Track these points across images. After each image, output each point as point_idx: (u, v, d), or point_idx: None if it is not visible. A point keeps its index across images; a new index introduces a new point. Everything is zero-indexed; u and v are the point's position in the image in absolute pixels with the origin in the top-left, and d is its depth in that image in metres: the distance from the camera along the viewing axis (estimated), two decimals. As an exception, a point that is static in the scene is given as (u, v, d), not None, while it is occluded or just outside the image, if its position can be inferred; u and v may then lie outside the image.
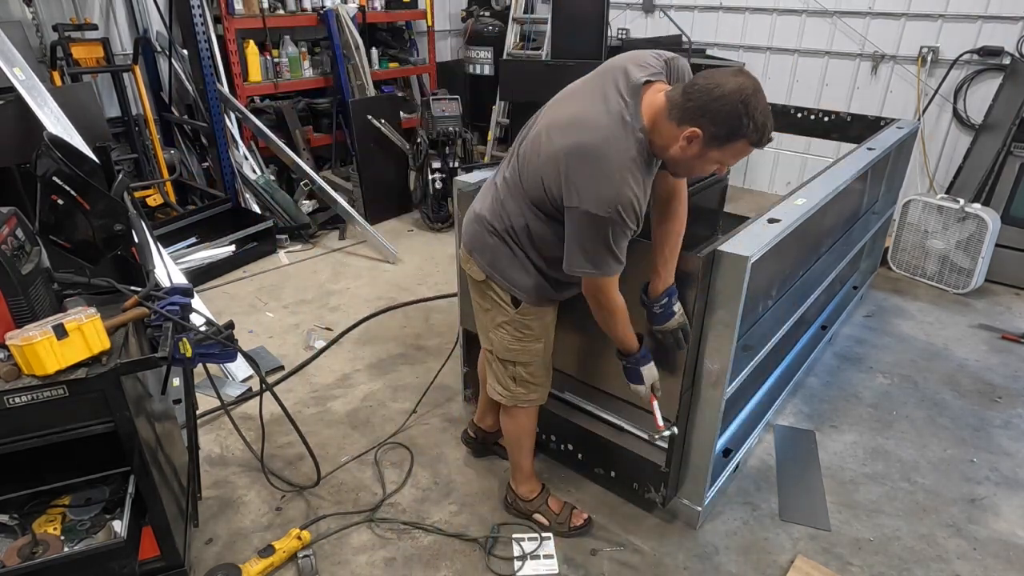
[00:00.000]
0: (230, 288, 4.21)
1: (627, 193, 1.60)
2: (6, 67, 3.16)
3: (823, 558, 2.28)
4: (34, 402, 1.56)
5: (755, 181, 6.11)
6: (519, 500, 2.39)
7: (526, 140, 1.88)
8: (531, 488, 2.39)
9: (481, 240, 1.98)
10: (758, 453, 2.79)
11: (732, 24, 5.73)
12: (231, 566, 2.15)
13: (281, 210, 4.84)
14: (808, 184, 2.55)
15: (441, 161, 5.07)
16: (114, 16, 4.85)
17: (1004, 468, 2.72)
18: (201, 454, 2.61)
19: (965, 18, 4.63)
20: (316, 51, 5.47)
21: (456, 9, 6.92)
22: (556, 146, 1.69)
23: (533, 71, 5.16)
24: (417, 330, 3.66)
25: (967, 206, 3.91)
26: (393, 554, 2.28)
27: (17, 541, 1.71)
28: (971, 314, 3.93)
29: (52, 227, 1.94)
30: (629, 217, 1.63)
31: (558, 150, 1.68)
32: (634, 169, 1.62)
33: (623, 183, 1.60)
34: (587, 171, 1.62)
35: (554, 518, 2.36)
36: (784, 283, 2.61)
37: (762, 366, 2.47)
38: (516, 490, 2.40)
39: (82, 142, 2.89)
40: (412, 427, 2.92)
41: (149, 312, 1.78)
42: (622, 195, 1.60)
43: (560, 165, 1.67)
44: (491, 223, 1.94)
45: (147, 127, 4.87)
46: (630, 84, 1.66)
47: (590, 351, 2.32)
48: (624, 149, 1.61)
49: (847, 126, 3.86)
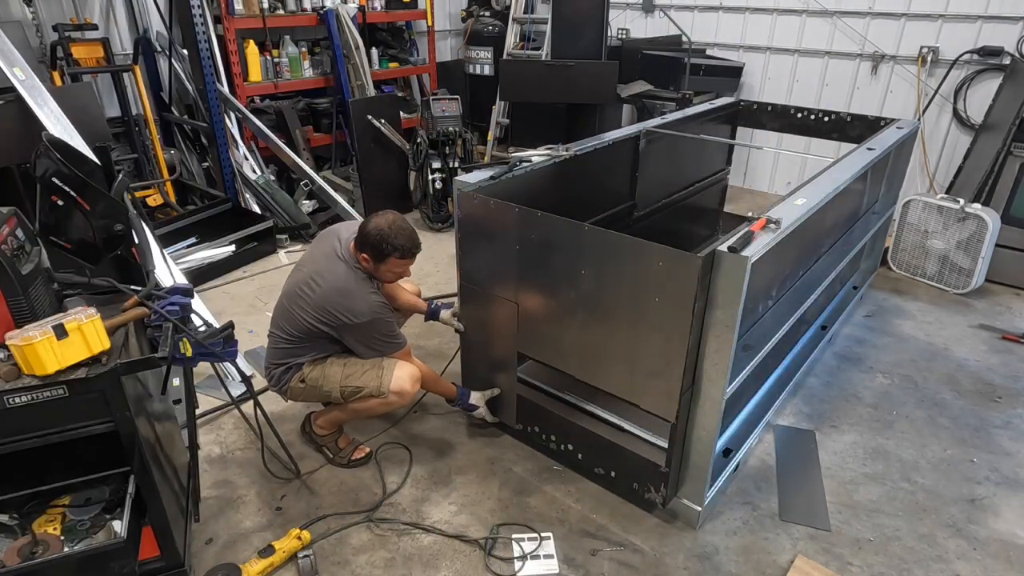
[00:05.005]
0: (230, 288, 4.21)
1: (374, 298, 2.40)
2: (6, 67, 3.16)
3: (823, 558, 2.28)
4: (34, 402, 1.56)
5: (755, 181, 6.11)
6: (314, 433, 2.74)
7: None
8: (328, 430, 2.73)
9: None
10: (758, 453, 2.79)
11: (732, 24, 5.73)
12: (231, 566, 2.15)
13: (281, 210, 4.84)
14: (808, 184, 2.55)
15: (441, 161, 5.07)
16: (114, 16, 4.85)
17: (1004, 468, 2.72)
18: (201, 454, 2.62)
19: (965, 18, 4.63)
20: (316, 51, 5.47)
21: (456, 9, 6.92)
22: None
23: (533, 71, 5.16)
24: (416, 330, 3.66)
25: (967, 206, 3.91)
26: (393, 554, 2.28)
27: (17, 541, 1.71)
28: (971, 314, 3.93)
29: (52, 227, 1.94)
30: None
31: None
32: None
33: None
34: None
35: (337, 452, 2.69)
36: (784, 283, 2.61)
37: (762, 366, 2.47)
38: (314, 422, 2.73)
39: (82, 142, 2.89)
40: (412, 427, 2.93)
41: (149, 312, 1.78)
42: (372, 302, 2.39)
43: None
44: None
45: (147, 127, 4.87)
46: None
47: (590, 352, 2.32)
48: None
49: (847, 126, 3.86)
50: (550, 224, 2.21)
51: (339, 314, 2.33)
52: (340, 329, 2.39)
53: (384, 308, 2.41)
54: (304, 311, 2.38)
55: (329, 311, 2.33)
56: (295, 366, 2.50)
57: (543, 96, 5.07)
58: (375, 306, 2.37)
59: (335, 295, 2.33)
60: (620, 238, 2.05)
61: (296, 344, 2.46)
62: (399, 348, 2.51)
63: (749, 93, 5.78)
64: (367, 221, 2.34)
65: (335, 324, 2.36)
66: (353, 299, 2.33)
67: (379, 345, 2.46)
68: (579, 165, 2.91)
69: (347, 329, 2.38)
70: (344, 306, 2.33)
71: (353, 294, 2.34)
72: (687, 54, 5.18)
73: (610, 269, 2.11)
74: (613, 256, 2.09)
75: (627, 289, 2.08)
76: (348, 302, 2.33)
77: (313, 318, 2.36)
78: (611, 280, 2.12)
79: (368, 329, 2.39)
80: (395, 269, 2.38)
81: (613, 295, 2.14)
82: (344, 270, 2.37)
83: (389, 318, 2.45)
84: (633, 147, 3.38)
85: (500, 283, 2.49)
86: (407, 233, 2.33)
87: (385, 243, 2.29)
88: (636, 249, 2.01)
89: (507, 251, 2.38)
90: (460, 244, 2.55)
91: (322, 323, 2.37)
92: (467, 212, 2.46)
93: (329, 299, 2.33)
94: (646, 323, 2.08)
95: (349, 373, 2.47)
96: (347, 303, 2.33)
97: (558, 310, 2.34)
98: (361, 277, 2.38)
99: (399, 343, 2.51)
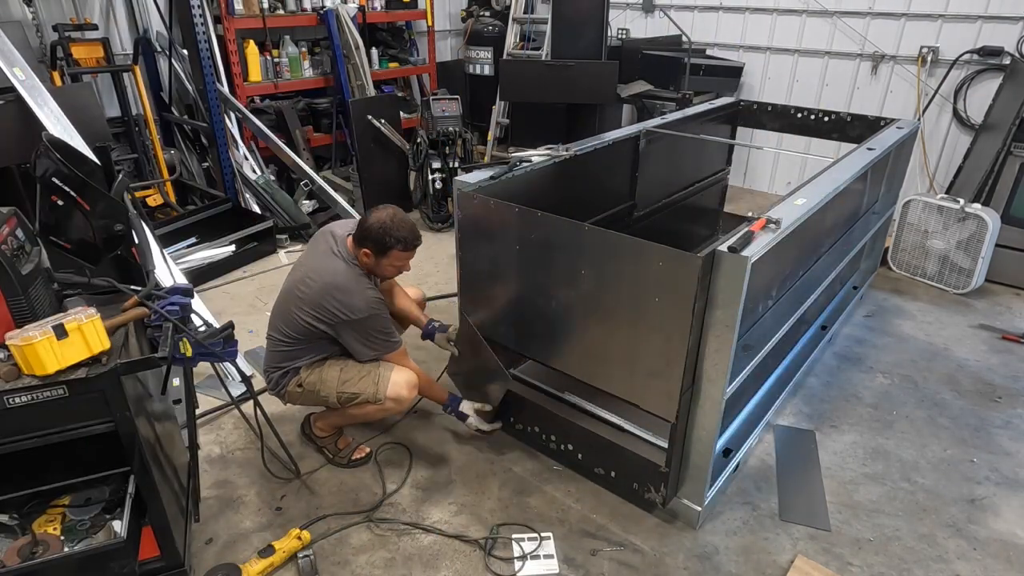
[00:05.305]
0: (230, 288, 4.21)
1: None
2: (6, 67, 3.16)
3: (823, 558, 2.28)
4: (34, 402, 1.56)
5: (755, 181, 6.11)
6: (314, 434, 2.75)
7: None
8: (327, 432, 2.74)
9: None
10: (758, 453, 2.79)
11: (732, 24, 5.73)
12: (231, 566, 2.15)
13: (281, 210, 4.84)
14: (808, 184, 2.55)
15: (441, 161, 5.07)
16: (114, 16, 4.85)
17: (1004, 468, 2.72)
18: (201, 454, 2.61)
19: (965, 18, 4.63)
20: (316, 51, 5.47)
21: (456, 9, 6.92)
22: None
23: (533, 71, 5.16)
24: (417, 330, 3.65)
25: (967, 206, 3.91)
26: (393, 554, 2.28)
27: (17, 541, 1.71)
28: (971, 314, 3.93)
29: (52, 227, 1.94)
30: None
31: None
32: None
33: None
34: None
35: (336, 452, 2.69)
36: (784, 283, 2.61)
37: (762, 366, 2.47)
38: (314, 423, 2.75)
39: (82, 142, 2.89)
40: (412, 427, 2.93)
41: (149, 312, 1.78)
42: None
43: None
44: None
45: (147, 127, 4.87)
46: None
47: (590, 352, 2.32)
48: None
49: (847, 126, 3.86)
50: (550, 224, 2.21)
51: (336, 310, 2.33)
52: (337, 326, 2.38)
53: (381, 304, 2.42)
54: (301, 310, 2.38)
55: (326, 307, 2.33)
56: (292, 370, 2.50)
57: (543, 96, 5.07)
58: (372, 302, 2.37)
59: (332, 291, 2.33)
60: (620, 238, 2.05)
61: (294, 346, 2.46)
62: (396, 347, 2.51)
63: (749, 93, 5.78)
64: (367, 216, 2.35)
65: (332, 321, 2.36)
66: (350, 295, 2.34)
67: (376, 343, 2.45)
68: (579, 165, 2.91)
69: (344, 326, 2.38)
70: (341, 302, 2.33)
71: (350, 290, 2.34)
72: (687, 54, 5.18)
73: (610, 269, 2.11)
74: (613, 256, 2.09)
75: (627, 289, 2.08)
76: (345, 298, 2.33)
77: (311, 316, 2.36)
78: (611, 280, 2.12)
79: (365, 325, 2.39)
80: (396, 263, 2.38)
81: (613, 295, 2.14)
82: (341, 266, 2.38)
83: (387, 315, 2.47)
84: (633, 147, 3.38)
85: (500, 283, 2.49)
86: (408, 225, 2.35)
87: (388, 236, 2.30)
88: (636, 249, 2.01)
89: (507, 251, 2.38)
90: (460, 244, 2.55)
91: (320, 321, 2.37)
92: (467, 212, 2.46)
93: (326, 295, 2.33)
94: (646, 323, 2.08)
95: (346, 379, 2.47)
96: (344, 299, 2.33)
97: (558, 310, 2.34)
98: (358, 273, 2.39)
99: (395, 342, 2.52)
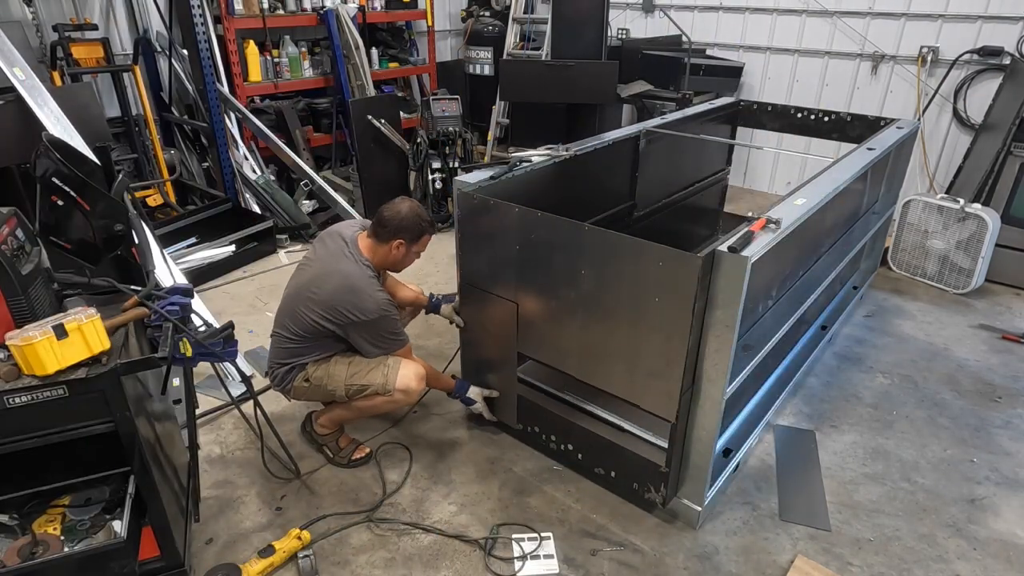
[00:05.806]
0: (230, 288, 4.21)
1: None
2: (6, 67, 3.16)
3: (823, 558, 2.28)
4: (34, 402, 1.56)
5: (755, 181, 6.11)
6: (315, 432, 2.74)
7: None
8: (329, 429, 2.73)
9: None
10: (758, 453, 2.79)
11: (732, 24, 5.73)
12: (231, 566, 2.15)
13: (281, 210, 4.84)
14: (808, 184, 2.55)
15: (441, 161, 5.07)
16: (114, 16, 4.85)
17: (1004, 468, 2.72)
18: (201, 454, 2.61)
19: (965, 18, 4.63)
20: (316, 51, 5.47)
21: (456, 9, 6.92)
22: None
23: (533, 71, 5.16)
24: (417, 330, 3.65)
25: (967, 206, 3.91)
26: (393, 554, 2.28)
27: (17, 541, 1.71)
28: (971, 314, 3.93)
29: (52, 227, 1.94)
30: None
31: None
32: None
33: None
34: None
35: (337, 451, 2.70)
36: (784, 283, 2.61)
37: (762, 366, 2.47)
38: (316, 420, 2.74)
39: (82, 142, 2.89)
40: (412, 427, 2.93)
41: (149, 312, 1.78)
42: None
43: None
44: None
45: (147, 127, 4.87)
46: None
47: (590, 352, 2.32)
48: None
49: (847, 126, 3.86)
50: (550, 224, 2.21)
51: (348, 312, 2.36)
52: (347, 327, 2.41)
53: (390, 305, 2.45)
54: (312, 310, 2.40)
55: (338, 309, 2.37)
56: (299, 366, 2.52)
57: (543, 96, 5.07)
58: (382, 304, 2.41)
59: (344, 293, 2.36)
60: (620, 238, 2.05)
61: (301, 343, 2.48)
62: (403, 345, 2.56)
63: (749, 93, 5.78)
64: (387, 211, 2.43)
65: (343, 322, 2.39)
66: (362, 297, 2.37)
67: (384, 342, 2.49)
68: (579, 165, 2.91)
69: (354, 327, 2.41)
70: (353, 304, 2.36)
71: (362, 292, 2.38)
72: (687, 54, 5.18)
73: (610, 269, 2.11)
74: (613, 256, 2.09)
75: (627, 289, 2.08)
76: (357, 300, 2.36)
77: (320, 317, 2.39)
78: (611, 280, 2.12)
79: (375, 327, 2.43)
80: (422, 249, 2.53)
81: (613, 295, 2.14)
82: (353, 268, 2.41)
83: (395, 316, 2.50)
84: (633, 147, 3.38)
85: (500, 283, 2.49)
86: (425, 211, 2.52)
87: (421, 220, 2.45)
88: (636, 249, 2.01)
89: (507, 251, 2.38)
90: (460, 244, 2.55)
91: (329, 322, 2.39)
92: (467, 212, 2.46)
93: (338, 297, 2.37)
94: (646, 323, 2.08)
95: (354, 372, 2.48)
96: (356, 301, 2.36)
97: (558, 310, 2.34)
98: (369, 275, 2.42)
99: (403, 340, 2.56)
